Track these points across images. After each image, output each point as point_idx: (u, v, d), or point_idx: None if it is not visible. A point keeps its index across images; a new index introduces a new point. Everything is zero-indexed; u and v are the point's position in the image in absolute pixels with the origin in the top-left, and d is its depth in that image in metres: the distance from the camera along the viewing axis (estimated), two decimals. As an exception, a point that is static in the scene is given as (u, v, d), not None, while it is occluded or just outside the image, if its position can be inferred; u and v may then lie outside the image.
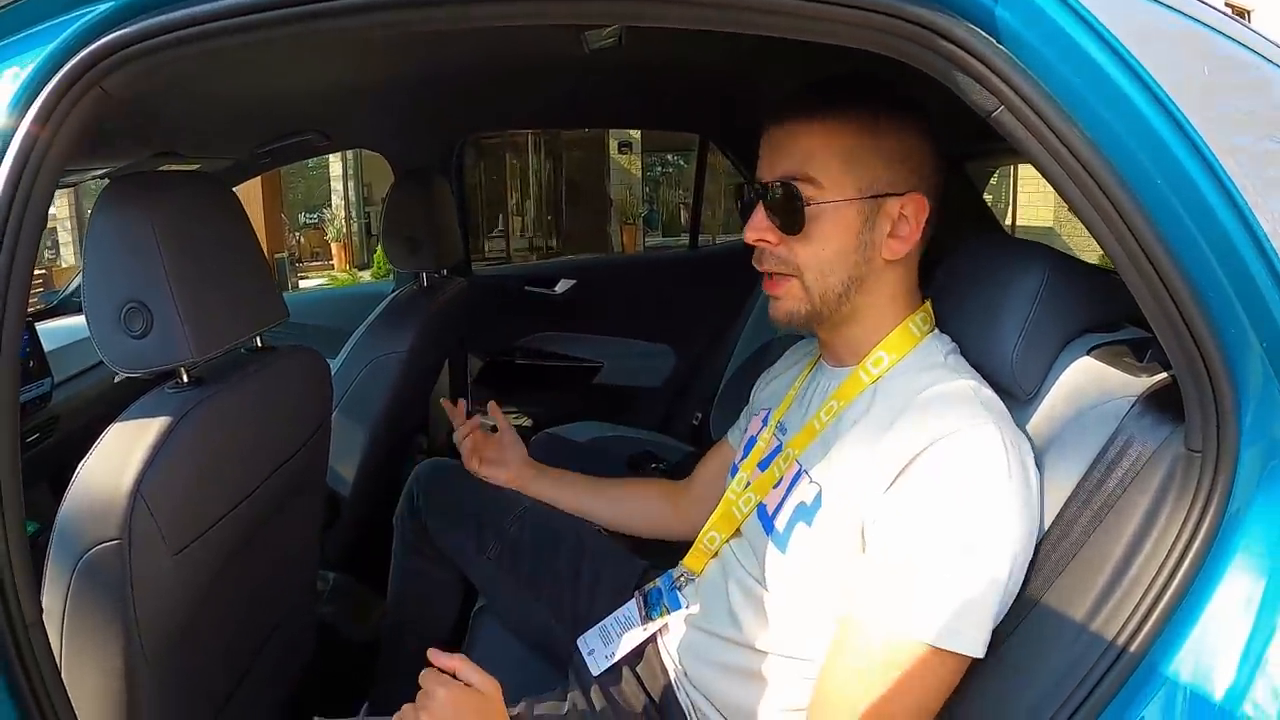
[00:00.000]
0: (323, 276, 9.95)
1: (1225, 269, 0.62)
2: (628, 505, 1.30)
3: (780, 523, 0.87)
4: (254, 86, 1.38)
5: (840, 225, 0.83)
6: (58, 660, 0.84)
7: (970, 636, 0.72)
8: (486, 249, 10.99)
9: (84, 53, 0.69)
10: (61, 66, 0.69)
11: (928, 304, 0.91)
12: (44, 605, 0.84)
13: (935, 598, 0.72)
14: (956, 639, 0.71)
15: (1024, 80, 0.63)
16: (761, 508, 0.92)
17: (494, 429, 1.37)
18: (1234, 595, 0.65)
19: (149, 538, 0.85)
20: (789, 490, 0.88)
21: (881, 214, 0.84)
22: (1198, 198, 0.62)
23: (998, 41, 0.63)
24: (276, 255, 9.79)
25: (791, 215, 0.83)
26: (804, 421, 0.92)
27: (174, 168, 1.71)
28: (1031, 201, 9.42)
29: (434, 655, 0.87)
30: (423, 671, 0.87)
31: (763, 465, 0.96)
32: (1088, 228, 0.64)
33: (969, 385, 0.80)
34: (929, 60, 0.65)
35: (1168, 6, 0.68)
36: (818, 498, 0.84)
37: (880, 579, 0.75)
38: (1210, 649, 0.64)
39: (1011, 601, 0.74)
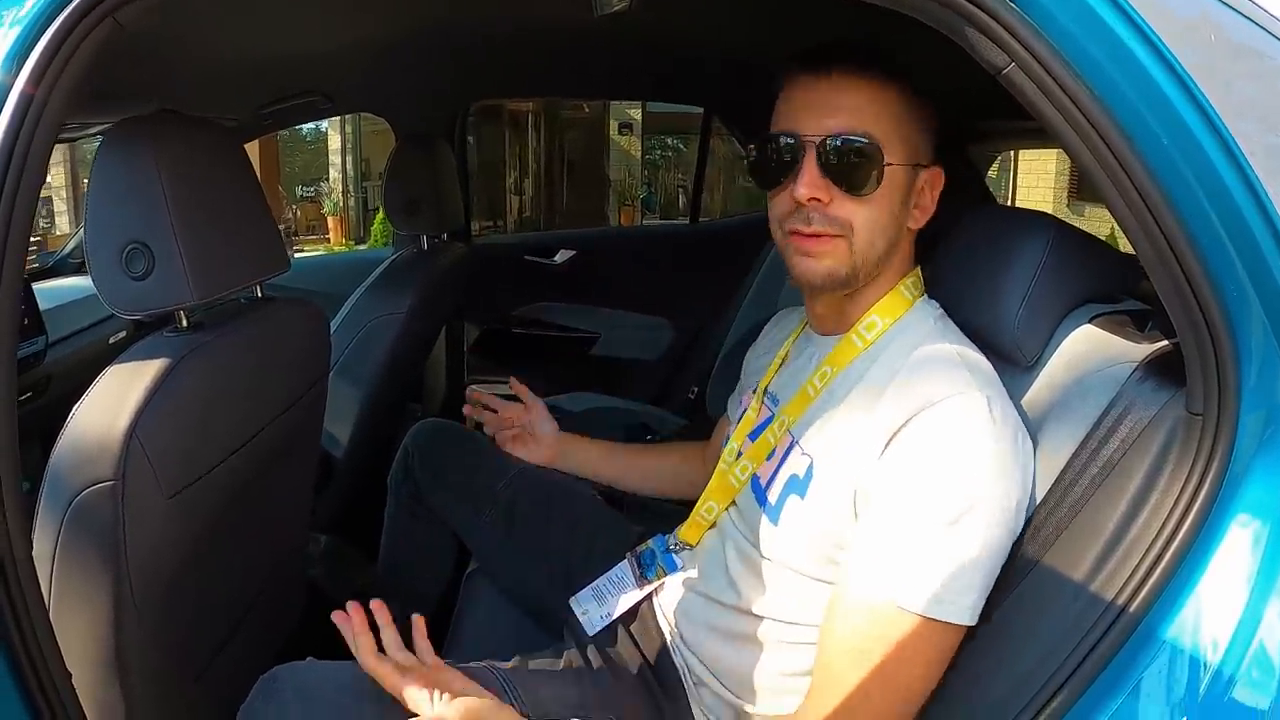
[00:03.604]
0: (318, 249, 9.90)
1: (1228, 229, 0.62)
2: (661, 474, 1.32)
3: (773, 495, 0.87)
4: (259, 42, 1.36)
5: (894, 189, 0.82)
6: (46, 603, 0.83)
7: (959, 605, 0.72)
8: (481, 228, 10.94)
9: None
10: None
11: (918, 269, 0.91)
12: (34, 547, 0.83)
13: (922, 566, 0.72)
14: (944, 607, 0.71)
15: (1035, 38, 0.62)
16: (755, 479, 0.92)
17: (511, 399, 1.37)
18: (1233, 558, 0.65)
19: (143, 480, 0.84)
20: (781, 462, 0.88)
21: (917, 183, 0.85)
22: (1204, 160, 0.62)
23: None
24: (273, 227, 9.71)
25: (858, 174, 0.80)
26: (796, 389, 0.91)
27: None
28: (1031, 197, 9.43)
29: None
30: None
31: (753, 435, 0.95)
32: (1096, 187, 0.64)
33: (956, 350, 0.80)
34: (940, 15, 0.65)
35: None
36: (809, 469, 0.83)
37: (869, 548, 0.75)
38: (1209, 611, 0.65)
39: (1000, 568, 0.74)
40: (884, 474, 0.75)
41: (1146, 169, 0.62)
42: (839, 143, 0.79)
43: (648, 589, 1.01)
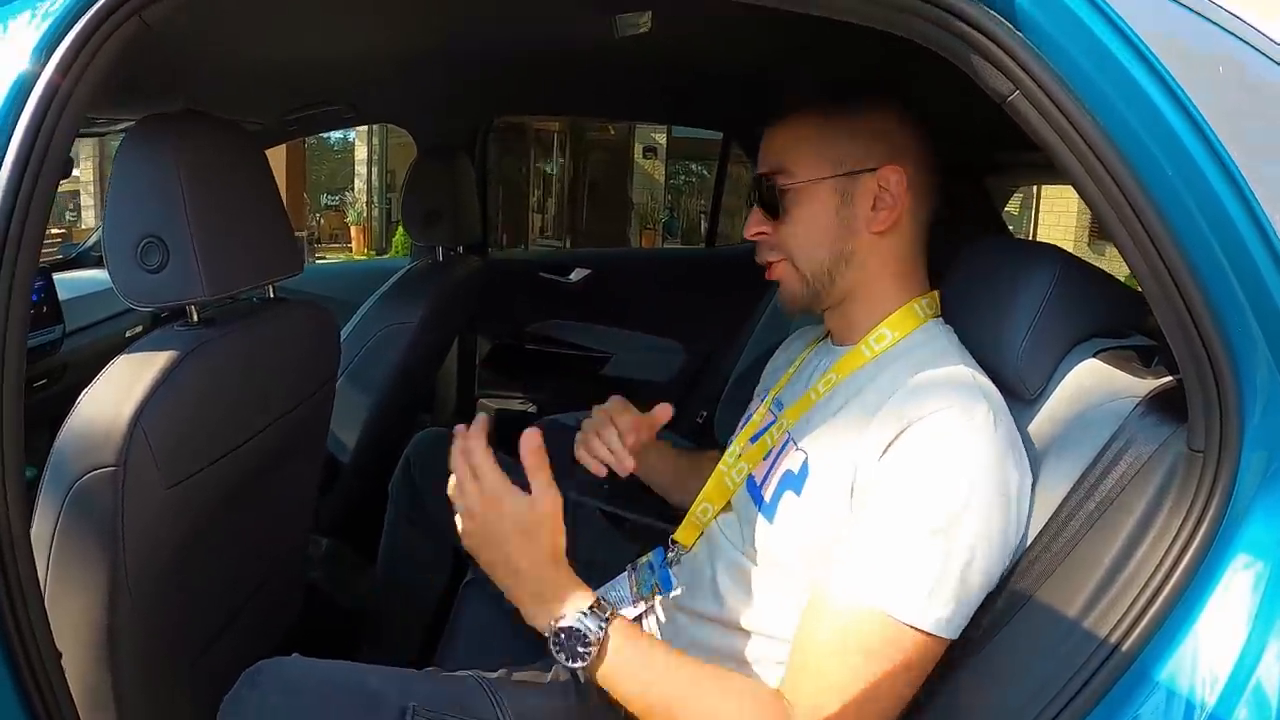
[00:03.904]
0: (340, 258, 10.01)
1: (1232, 263, 0.62)
2: None
3: (768, 493, 0.87)
4: (284, 49, 1.39)
5: (816, 204, 0.88)
6: (43, 583, 0.84)
7: (936, 614, 0.71)
8: (504, 243, 11.03)
9: None
10: None
11: (935, 293, 0.92)
12: (34, 528, 0.85)
13: (903, 570, 0.71)
14: (922, 615, 0.70)
15: (1040, 67, 0.63)
16: (750, 479, 0.93)
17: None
18: (1233, 599, 0.64)
19: (144, 468, 0.85)
20: (776, 460, 0.89)
21: (859, 189, 0.87)
22: (1208, 191, 0.61)
23: (1015, 27, 0.63)
24: (295, 234, 9.86)
25: (772, 203, 0.89)
26: (800, 395, 0.92)
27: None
28: (1052, 235, 9.39)
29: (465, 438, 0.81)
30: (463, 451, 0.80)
31: (755, 439, 0.96)
32: (1100, 221, 0.64)
33: (968, 371, 0.81)
34: (945, 42, 0.65)
35: (1204, 18, 0.67)
36: (804, 466, 0.84)
37: (855, 548, 0.75)
38: (1206, 652, 0.63)
39: (990, 589, 0.73)
40: (880, 476, 0.75)
41: (1150, 200, 0.62)
42: (762, 180, 0.90)
43: (641, 607, 1.00)
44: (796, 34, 1.15)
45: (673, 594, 0.98)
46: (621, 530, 1.53)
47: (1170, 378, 0.73)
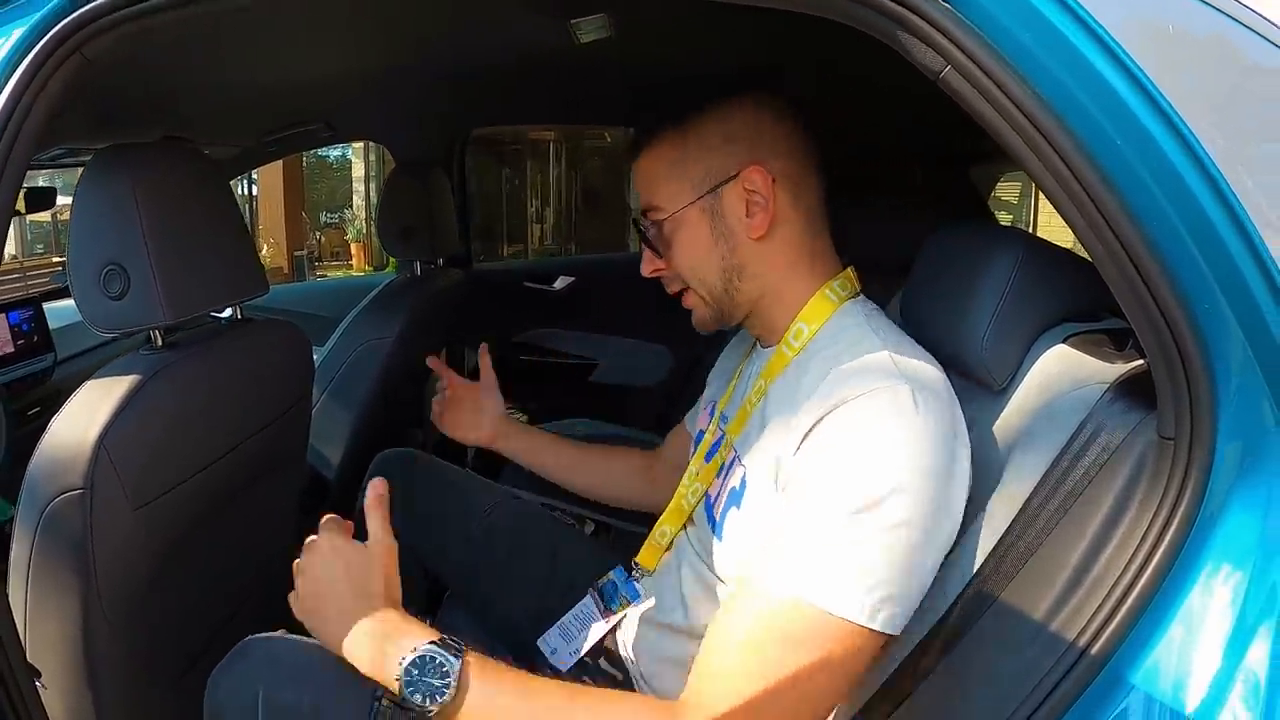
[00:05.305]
0: (341, 275, 10.03)
1: (1196, 237, 0.58)
2: (608, 475, 1.27)
3: (718, 511, 0.86)
4: (255, 72, 1.38)
5: (689, 231, 0.86)
6: (24, 605, 0.88)
7: (860, 602, 0.66)
8: (506, 253, 11.05)
9: (66, 20, 0.72)
10: (45, 34, 0.72)
11: (849, 270, 0.89)
12: (13, 553, 0.88)
13: (823, 556, 0.67)
14: (842, 602, 0.66)
15: (971, 39, 0.59)
16: (707, 497, 0.91)
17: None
18: (1209, 596, 0.60)
19: (111, 490, 0.87)
20: (726, 477, 0.87)
21: (725, 202, 0.85)
22: (1162, 159, 0.58)
23: None
24: (295, 252, 9.92)
25: (655, 239, 0.89)
26: (739, 406, 0.91)
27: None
28: (1052, 225, 9.33)
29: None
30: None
31: (708, 456, 0.94)
32: (1048, 198, 0.61)
33: (885, 353, 0.76)
34: (871, 20, 0.62)
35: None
36: (743, 480, 0.82)
37: (774, 538, 0.71)
38: (1182, 654, 0.60)
39: (932, 577, 0.71)
40: (799, 466, 0.73)
41: (1099, 171, 0.58)
42: (642, 220, 0.90)
43: (613, 621, 0.99)
44: (749, 28, 1.14)
45: (645, 608, 0.97)
46: (607, 535, 1.51)
47: (1140, 361, 0.71)
